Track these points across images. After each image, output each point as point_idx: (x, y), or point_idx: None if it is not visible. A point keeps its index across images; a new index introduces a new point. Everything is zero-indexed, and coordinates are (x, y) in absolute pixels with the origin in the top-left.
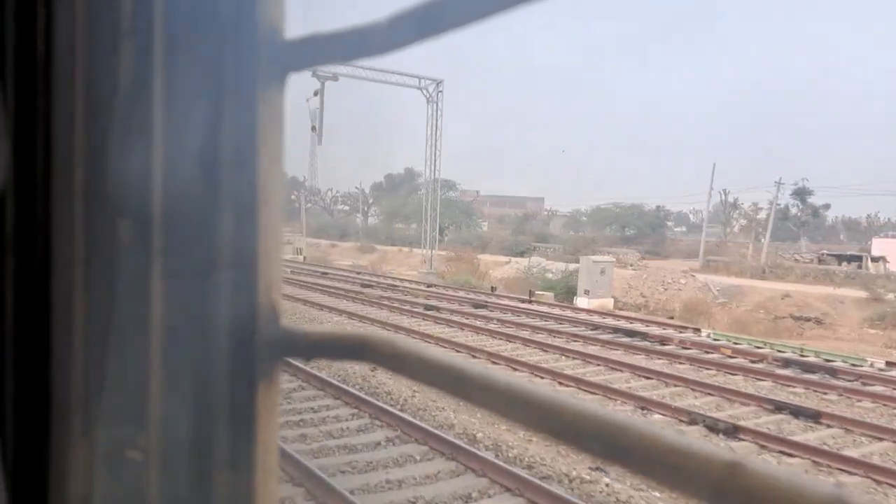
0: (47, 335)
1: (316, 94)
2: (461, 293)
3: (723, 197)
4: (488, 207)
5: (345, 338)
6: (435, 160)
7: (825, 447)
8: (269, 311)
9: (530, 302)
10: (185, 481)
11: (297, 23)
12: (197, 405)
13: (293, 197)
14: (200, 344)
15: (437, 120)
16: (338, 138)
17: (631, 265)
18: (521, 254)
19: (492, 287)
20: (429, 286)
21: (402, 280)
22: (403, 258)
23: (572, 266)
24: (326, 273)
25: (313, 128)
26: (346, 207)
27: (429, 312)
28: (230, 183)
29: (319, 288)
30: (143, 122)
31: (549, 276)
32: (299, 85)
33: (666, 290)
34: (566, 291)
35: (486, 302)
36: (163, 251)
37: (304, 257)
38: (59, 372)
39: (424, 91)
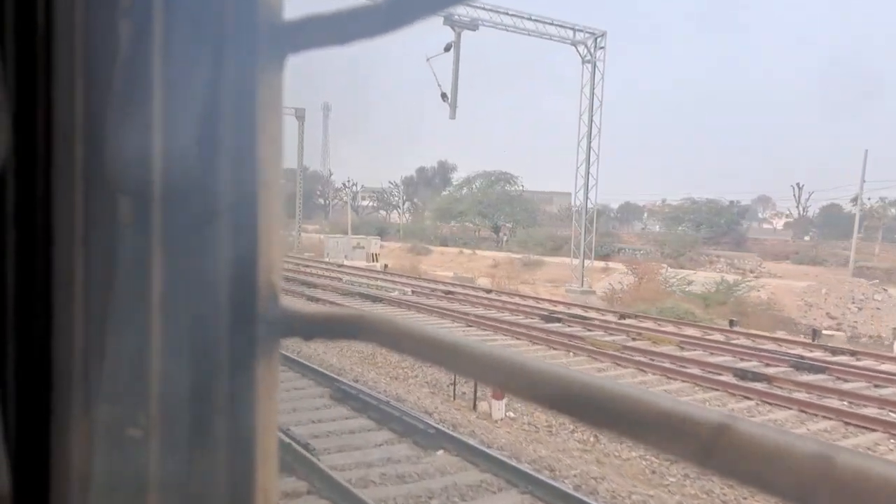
0: (48, 312)
1: (448, 48)
2: (741, 340)
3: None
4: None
5: (342, 317)
6: (590, 141)
7: None
8: (269, 291)
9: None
10: (184, 459)
11: (297, 4)
12: (196, 384)
13: (318, 191)
14: (200, 323)
15: (594, 87)
16: (352, 126)
17: (752, 272)
18: (607, 257)
19: (730, 321)
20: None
21: (559, 303)
22: (530, 271)
23: (713, 276)
24: (451, 293)
25: (444, 96)
26: (371, 203)
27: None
28: (229, 163)
29: (485, 322)
30: (142, 100)
31: (691, 288)
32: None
33: (860, 309)
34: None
35: (824, 363)
36: (162, 229)
37: (385, 265)
38: (61, 348)
39: (581, 47)
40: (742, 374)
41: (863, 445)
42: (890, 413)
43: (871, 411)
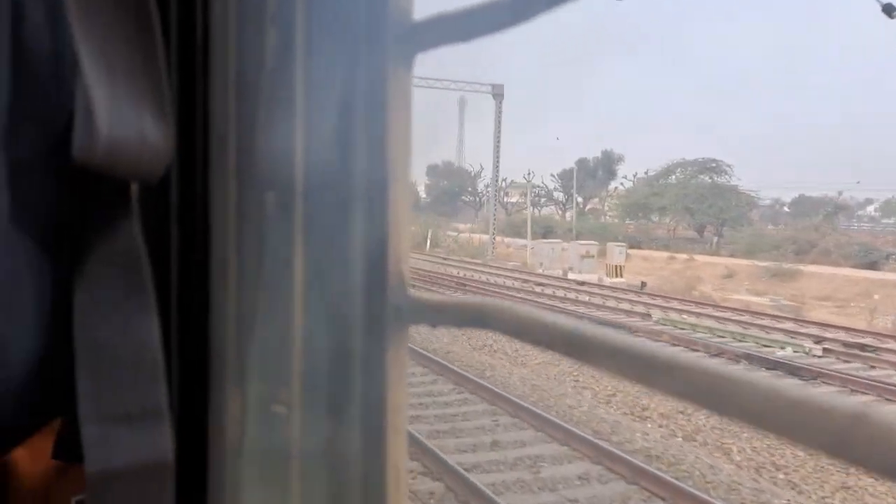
0: (206, 298)
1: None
2: None
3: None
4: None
5: (466, 305)
6: None
7: None
8: (398, 281)
9: None
10: (322, 434)
11: (426, 2)
12: (332, 365)
13: (480, 190)
14: (336, 309)
15: None
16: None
17: None
18: (873, 265)
19: None
20: None
21: None
22: (789, 283)
23: None
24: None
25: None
26: (516, 199)
27: None
28: (363, 159)
29: None
30: (286, 103)
31: None
32: None
33: None
34: None
35: None
36: (303, 222)
37: (643, 283)
38: (217, 330)
39: None
40: None
41: None
42: None
43: None
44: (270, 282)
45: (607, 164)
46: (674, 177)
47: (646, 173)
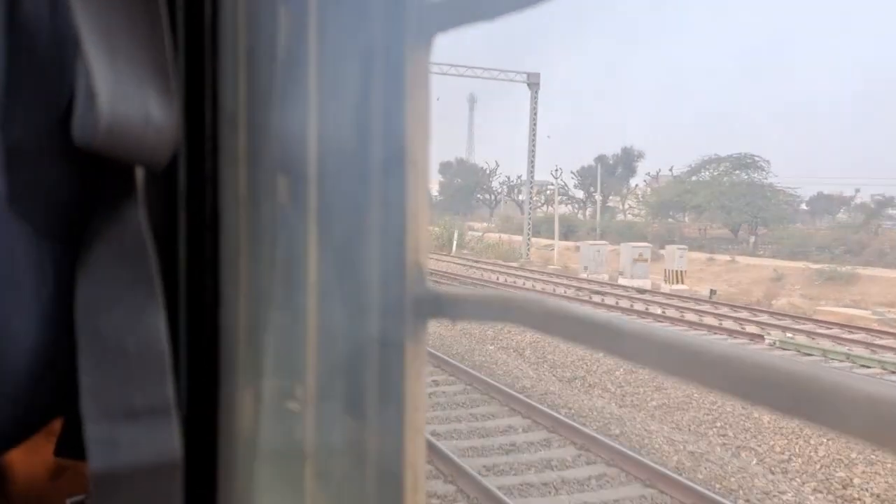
0: (216, 286)
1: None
2: None
3: None
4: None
5: (490, 299)
6: None
7: None
8: (416, 272)
9: None
10: (338, 432)
11: None
12: (349, 361)
13: (495, 188)
14: (352, 301)
15: None
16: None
17: None
18: None
19: None
20: None
21: None
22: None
23: None
24: None
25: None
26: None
27: None
28: (379, 145)
29: None
30: (299, 85)
31: None
32: None
33: None
34: None
35: None
36: (318, 208)
37: (713, 291)
38: (228, 320)
39: None
40: None
41: None
42: None
43: None
44: (283, 272)
45: (627, 161)
46: (706, 173)
47: (670, 170)
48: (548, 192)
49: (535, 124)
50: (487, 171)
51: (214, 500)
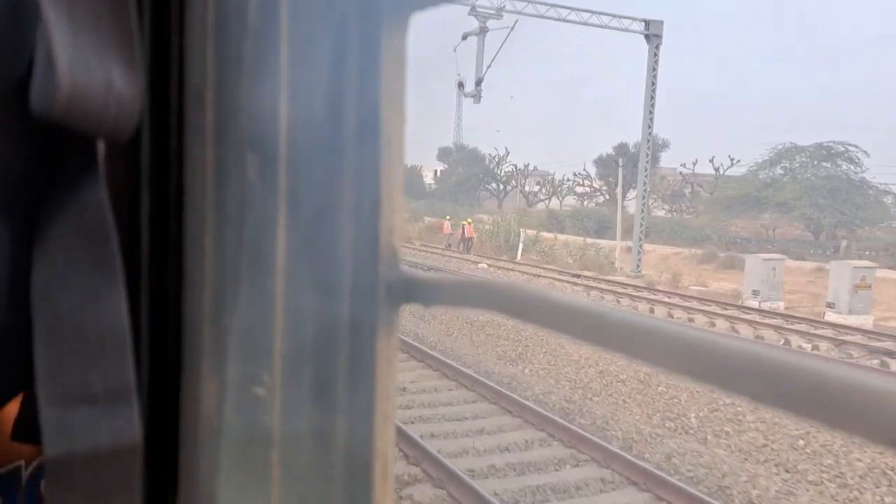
0: (180, 266)
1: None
2: None
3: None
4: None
5: (465, 285)
6: None
7: None
8: (390, 256)
9: None
10: (306, 419)
11: None
12: (318, 346)
13: (503, 177)
14: (322, 284)
15: None
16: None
17: None
18: None
19: None
20: None
21: None
22: None
23: None
24: None
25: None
26: (538, 189)
27: None
28: (353, 125)
29: None
30: (270, 60)
31: None
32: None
33: None
34: None
35: None
36: (287, 188)
37: None
38: (192, 303)
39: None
40: None
41: None
42: None
43: None
44: (251, 254)
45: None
46: (787, 164)
47: (732, 161)
48: (567, 182)
49: (653, 90)
50: (497, 159)
51: (176, 488)
